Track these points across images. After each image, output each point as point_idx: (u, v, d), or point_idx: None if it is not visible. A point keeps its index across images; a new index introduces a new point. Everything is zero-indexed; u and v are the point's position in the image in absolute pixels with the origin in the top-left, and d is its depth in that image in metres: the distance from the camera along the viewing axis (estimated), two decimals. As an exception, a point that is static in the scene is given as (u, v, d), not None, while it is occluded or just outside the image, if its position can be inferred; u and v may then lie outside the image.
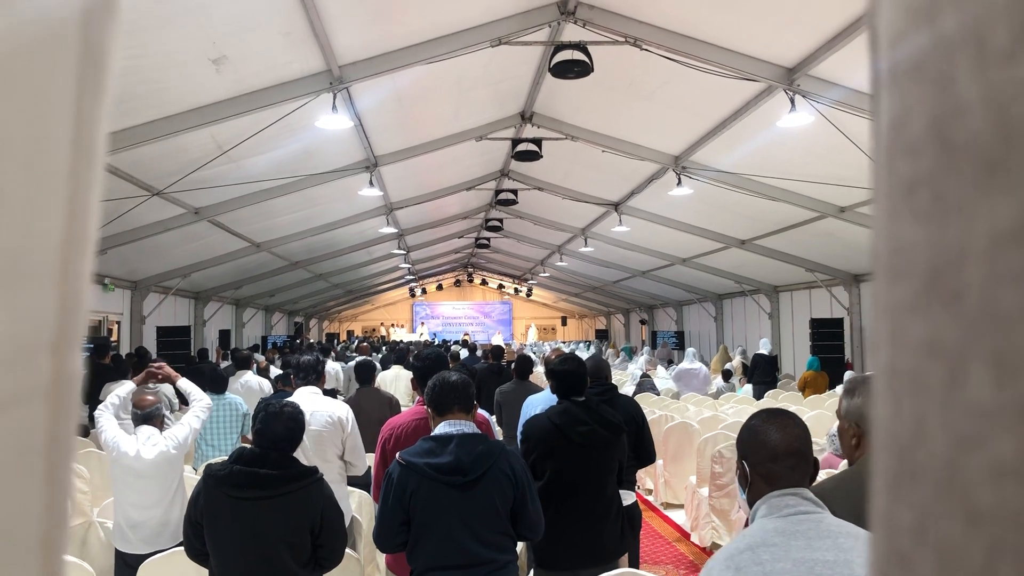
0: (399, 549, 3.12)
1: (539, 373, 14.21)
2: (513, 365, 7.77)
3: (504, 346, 24.45)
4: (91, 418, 9.24)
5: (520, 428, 4.32)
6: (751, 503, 1.95)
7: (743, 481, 2.00)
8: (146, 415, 4.59)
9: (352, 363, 10.86)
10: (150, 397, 4.71)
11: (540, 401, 5.23)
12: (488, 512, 3.06)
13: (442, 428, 3.16)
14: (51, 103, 0.25)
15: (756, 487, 1.95)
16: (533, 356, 20.22)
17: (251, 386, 8.57)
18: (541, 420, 4.02)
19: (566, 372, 4.09)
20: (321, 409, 4.74)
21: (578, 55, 7.54)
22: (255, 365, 10.44)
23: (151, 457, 4.35)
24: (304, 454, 3.29)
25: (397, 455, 3.14)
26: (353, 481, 5.09)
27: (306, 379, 4.98)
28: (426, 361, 4.68)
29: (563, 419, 3.92)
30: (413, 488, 3.01)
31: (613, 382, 5.22)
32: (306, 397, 4.77)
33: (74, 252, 0.26)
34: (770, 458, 1.93)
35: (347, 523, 4.24)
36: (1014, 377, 0.21)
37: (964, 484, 0.22)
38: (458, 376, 3.31)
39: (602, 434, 3.93)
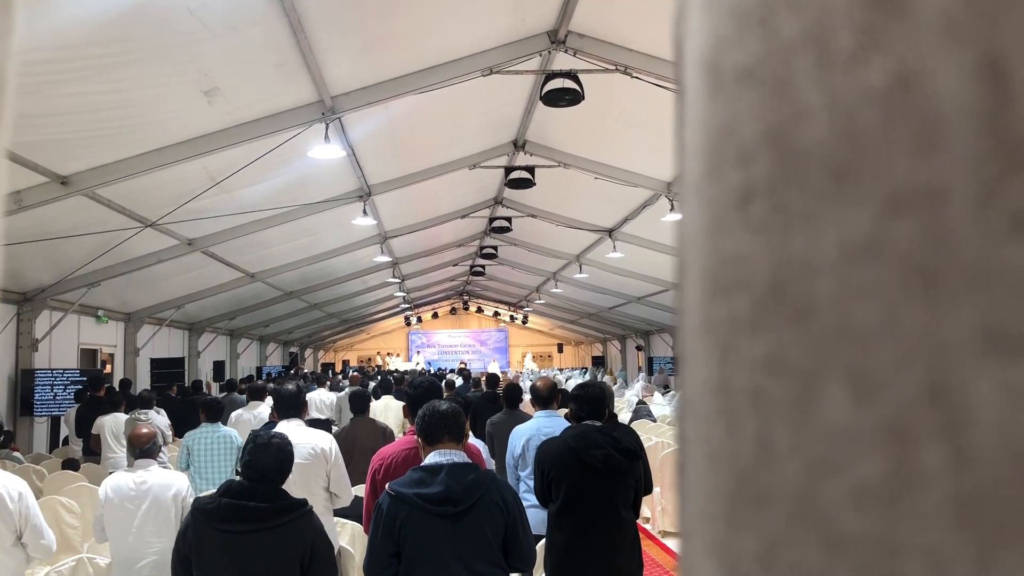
0: None
1: (528, 401, 14.14)
2: (502, 394, 7.71)
3: (501, 374, 24.39)
4: (85, 451, 9.21)
5: (512, 456, 4.29)
6: None
7: None
8: (143, 452, 4.53)
9: (345, 392, 10.81)
10: (145, 432, 4.66)
11: (527, 431, 5.18)
12: (479, 543, 3.02)
13: (432, 458, 3.12)
14: None
15: None
16: (530, 384, 20.14)
17: (264, 418, 8.34)
18: (556, 442, 4.00)
19: (588, 397, 4.07)
20: (304, 441, 4.65)
21: (569, 83, 7.59)
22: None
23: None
24: (286, 488, 3.25)
25: (387, 486, 3.10)
26: (345, 513, 5.02)
27: (287, 415, 4.76)
28: (419, 389, 4.63)
29: (579, 442, 3.89)
30: (403, 519, 2.96)
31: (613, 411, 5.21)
32: (289, 428, 4.70)
33: None
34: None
35: (335, 555, 4.18)
36: (873, 396, 0.20)
37: (823, 510, 0.20)
38: (448, 405, 3.27)
39: (618, 459, 3.90)
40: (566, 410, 5.10)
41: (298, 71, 6.85)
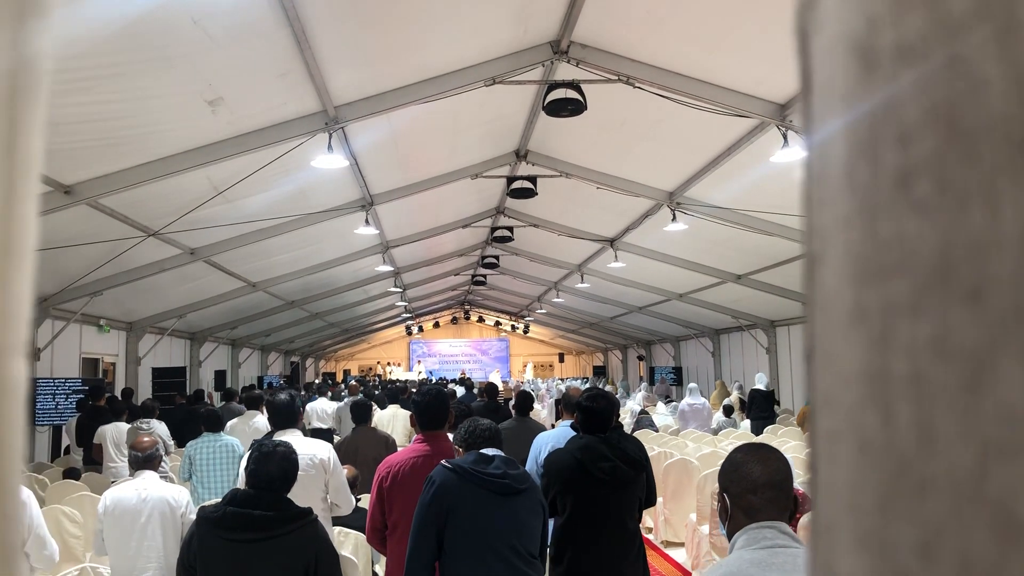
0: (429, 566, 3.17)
1: (534, 410, 14.13)
2: (512, 402, 7.70)
3: (502, 383, 24.35)
4: (87, 460, 9.20)
5: (536, 462, 4.31)
6: (730, 535, 1.95)
7: (723, 514, 2.01)
8: (146, 457, 4.53)
9: (345, 402, 10.79)
10: (147, 439, 4.65)
11: (552, 438, 5.19)
12: (526, 528, 3.19)
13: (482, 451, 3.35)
14: None
15: (736, 519, 1.95)
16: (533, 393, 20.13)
17: (258, 428, 8.30)
18: (563, 454, 4.01)
19: (596, 409, 4.07)
20: (302, 451, 4.62)
21: (572, 93, 7.60)
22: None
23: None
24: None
25: (443, 461, 3.26)
26: (346, 522, 5.01)
27: (282, 425, 4.68)
28: (426, 397, 4.63)
29: (585, 454, 3.90)
30: (455, 491, 3.12)
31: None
32: (287, 438, 4.69)
33: (11, 262, 0.25)
34: (750, 490, 1.94)
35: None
36: None
37: (996, 496, 0.20)
38: (488, 422, 3.52)
39: (624, 471, 3.91)
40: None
41: (301, 81, 6.87)
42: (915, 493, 0.21)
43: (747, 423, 13.21)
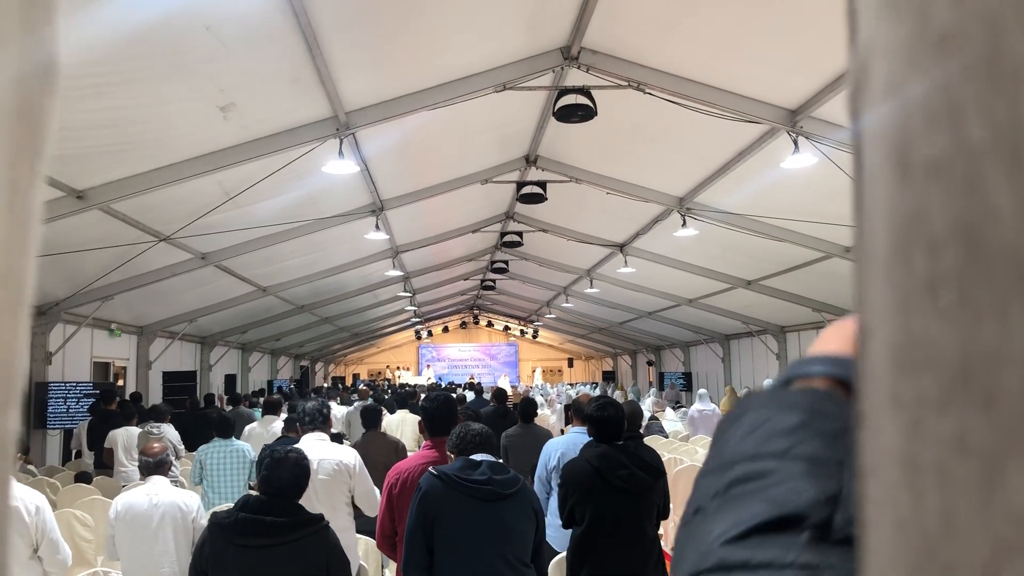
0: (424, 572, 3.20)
1: (541, 416, 14.09)
2: (517, 408, 7.70)
3: (511, 388, 24.31)
4: (98, 464, 9.23)
5: (545, 468, 4.32)
6: None
7: None
8: (156, 463, 4.55)
9: (355, 407, 10.80)
10: (157, 445, 4.67)
11: (561, 445, 5.19)
12: (516, 538, 3.17)
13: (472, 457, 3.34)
14: None
15: None
16: (540, 399, 20.12)
17: (277, 433, 8.22)
18: (580, 463, 3.98)
19: (605, 418, 4.05)
20: (328, 456, 4.71)
21: (582, 99, 7.60)
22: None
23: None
24: (309, 503, 3.29)
25: (430, 468, 3.28)
26: (356, 527, 5.02)
27: (312, 424, 4.96)
28: (435, 403, 4.65)
29: (602, 462, 3.88)
30: (440, 499, 3.13)
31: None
32: (313, 444, 4.74)
33: (8, 318, 0.25)
34: None
35: (355, 572, 4.18)
36: None
37: None
38: (480, 426, 3.50)
39: (642, 478, 3.89)
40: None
41: (313, 87, 6.90)
42: (940, 574, 0.23)
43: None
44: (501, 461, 3.37)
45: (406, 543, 3.19)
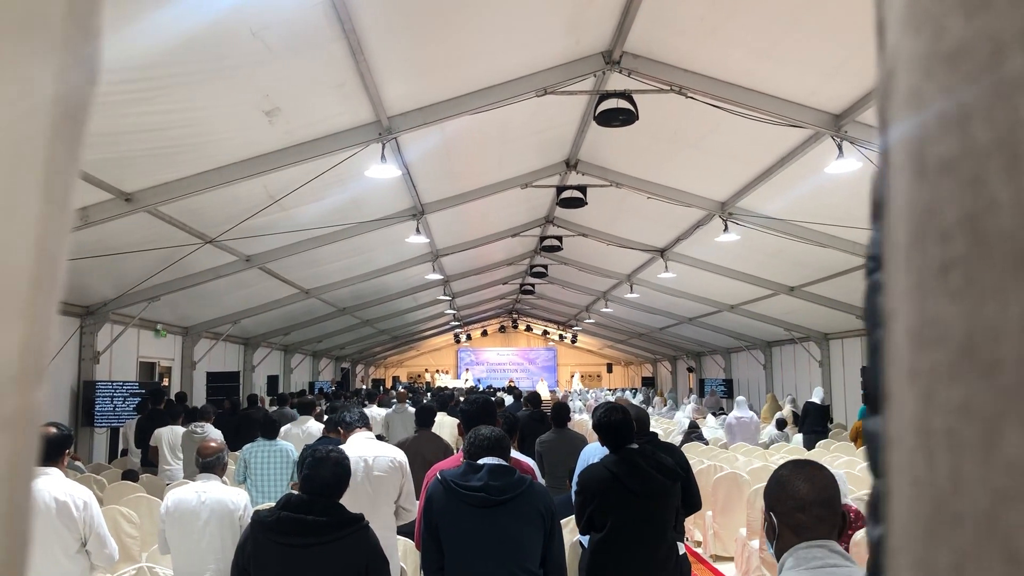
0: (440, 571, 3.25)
1: (579, 421, 14.04)
2: (549, 414, 7.68)
3: (549, 393, 24.26)
4: (143, 462, 9.40)
5: (575, 479, 4.29)
6: (778, 555, 1.91)
7: (770, 533, 1.96)
8: (209, 463, 4.63)
9: (394, 409, 10.89)
10: (213, 444, 4.76)
11: (600, 449, 5.17)
12: (513, 541, 3.15)
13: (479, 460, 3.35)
14: (22, 151, 0.27)
15: (784, 538, 1.91)
16: (579, 403, 20.04)
17: (312, 433, 8.25)
18: (597, 469, 3.95)
19: (611, 423, 4.01)
20: (383, 453, 4.76)
21: (623, 103, 7.58)
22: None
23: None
24: (358, 500, 3.35)
25: (437, 472, 3.34)
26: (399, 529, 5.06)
27: (361, 422, 5.18)
28: (474, 405, 4.67)
29: (620, 468, 3.84)
30: (441, 505, 3.17)
31: (655, 430, 5.15)
32: (362, 442, 4.79)
33: (41, 293, 0.27)
34: (798, 508, 1.90)
35: (396, 574, 4.21)
36: None
37: (1005, 531, 0.24)
38: (490, 430, 3.49)
39: (660, 481, 3.86)
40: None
41: (356, 92, 6.97)
42: (950, 525, 0.26)
43: (799, 437, 12.98)
44: (508, 464, 3.33)
45: (422, 543, 3.29)
